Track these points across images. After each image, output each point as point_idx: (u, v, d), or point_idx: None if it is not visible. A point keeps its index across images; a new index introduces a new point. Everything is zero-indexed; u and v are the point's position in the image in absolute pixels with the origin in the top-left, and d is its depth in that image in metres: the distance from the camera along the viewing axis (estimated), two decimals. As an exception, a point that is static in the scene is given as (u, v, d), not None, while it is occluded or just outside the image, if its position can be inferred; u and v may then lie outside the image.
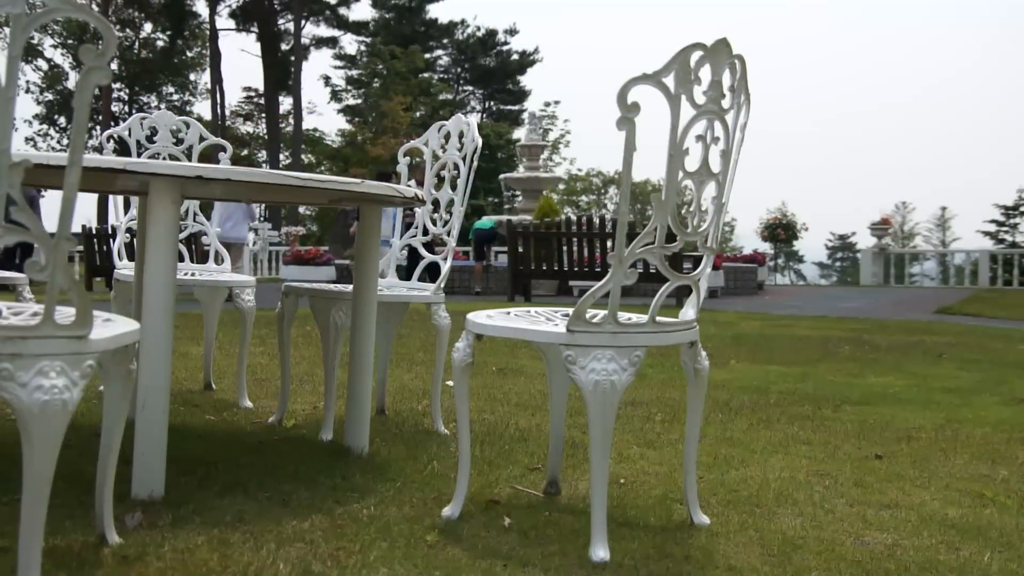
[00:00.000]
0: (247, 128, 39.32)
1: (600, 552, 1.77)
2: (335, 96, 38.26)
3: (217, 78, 36.32)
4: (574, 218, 11.31)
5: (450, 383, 2.20)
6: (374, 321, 2.68)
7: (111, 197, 3.60)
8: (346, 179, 2.27)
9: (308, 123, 38.80)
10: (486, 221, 14.44)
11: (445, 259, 3.08)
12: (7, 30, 1.34)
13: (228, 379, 3.80)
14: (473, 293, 12.76)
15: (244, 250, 12.32)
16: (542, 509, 2.13)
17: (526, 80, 42.21)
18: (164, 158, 3.49)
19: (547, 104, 41.87)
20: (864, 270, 20.29)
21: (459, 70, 42.59)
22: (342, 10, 39.05)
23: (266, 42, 36.95)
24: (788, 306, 11.11)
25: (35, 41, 32.85)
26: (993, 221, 38.39)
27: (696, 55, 1.71)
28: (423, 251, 3.22)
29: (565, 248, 10.75)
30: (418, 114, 32.38)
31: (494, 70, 41.81)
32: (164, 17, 35.85)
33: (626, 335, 1.78)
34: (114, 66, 28.24)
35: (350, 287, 2.71)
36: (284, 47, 38.03)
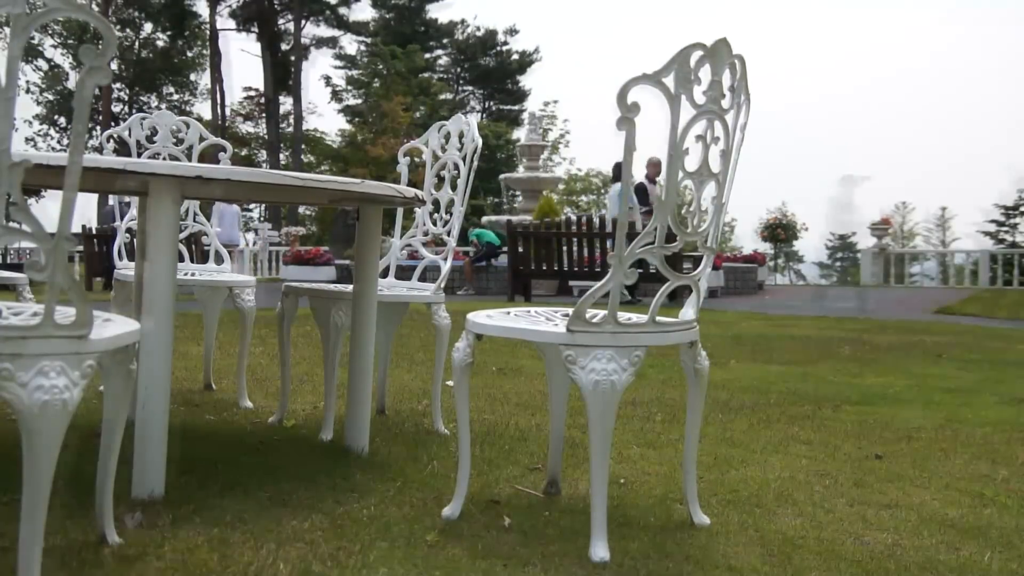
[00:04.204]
0: (248, 128, 39.37)
1: (600, 552, 1.77)
2: (336, 96, 38.29)
3: (218, 78, 36.40)
4: (574, 218, 11.32)
5: (450, 383, 2.21)
6: (374, 321, 2.68)
7: (111, 197, 3.60)
8: (346, 179, 2.27)
9: (309, 123, 38.86)
10: (490, 233, 14.25)
11: (445, 259, 3.08)
12: (7, 30, 1.34)
13: (228, 379, 3.80)
14: (467, 294, 12.73)
15: (234, 252, 12.39)
16: (542, 509, 2.13)
17: (526, 80, 42.23)
18: (164, 158, 3.49)
19: (546, 104, 41.85)
20: (864, 270, 20.34)
21: (459, 70, 42.60)
22: (342, 10, 39.11)
23: (267, 42, 37.00)
24: (788, 306, 11.11)
25: (35, 41, 32.89)
26: (993, 221, 38.41)
27: (696, 55, 1.71)
28: (423, 251, 3.22)
29: (565, 248, 10.76)
30: (418, 114, 32.38)
31: (494, 70, 41.81)
32: (164, 17, 35.89)
33: (626, 335, 1.78)
34: (114, 66, 28.26)
35: (350, 287, 2.71)
36: (285, 47, 38.09)
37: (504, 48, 41.90)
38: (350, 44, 39.64)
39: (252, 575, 1.65)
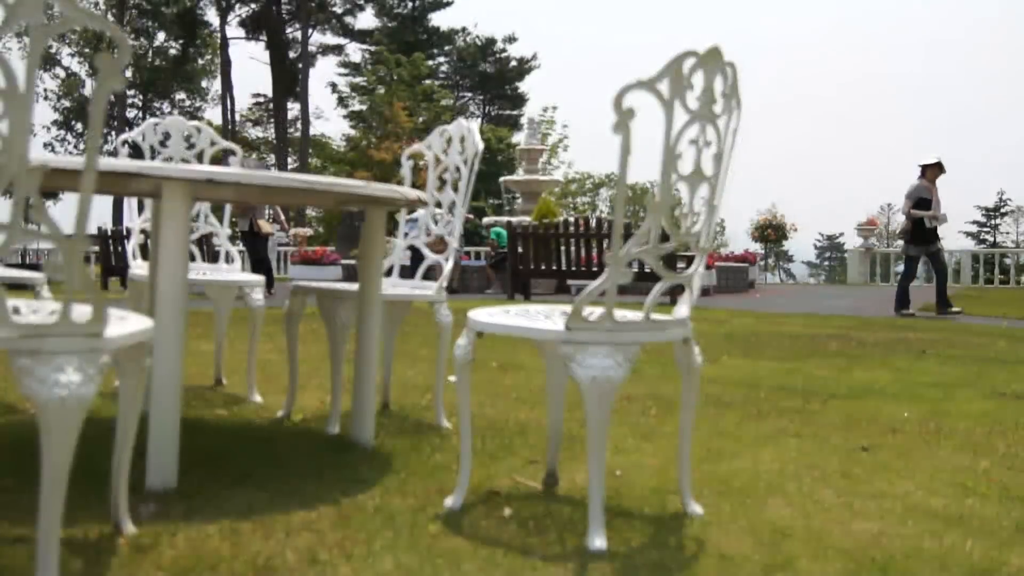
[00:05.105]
0: (256, 133, 39.61)
1: (597, 541, 1.81)
2: (341, 102, 38.38)
3: (227, 85, 36.71)
4: (572, 220, 11.41)
5: (452, 378, 2.26)
6: (379, 319, 2.73)
7: (126, 199, 3.67)
8: (351, 181, 2.31)
9: (315, 128, 39.03)
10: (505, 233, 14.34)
11: (447, 259, 3.14)
12: (26, 40, 1.39)
13: (238, 375, 3.84)
14: (495, 294, 12.90)
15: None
16: (541, 500, 2.19)
17: (524, 85, 42.38)
18: (176, 162, 3.54)
19: (545, 109, 41.79)
20: (851, 269, 20.52)
21: (459, 74, 42.67)
22: (348, 19, 39.43)
23: (275, 50, 37.32)
24: (778, 304, 11.18)
25: (53, 50, 33.20)
26: (975, 222, 38.60)
27: (689, 62, 1.74)
28: (426, 252, 3.28)
29: (563, 248, 10.82)
30: (421, 119, 32.38)
31: (493, 76, 41.94)
32: (177, 27, 36.18)
33: (622, 332, 1.81)
34: (128, 73, 28.44)
35: (355, 286, 2.77)
36: (292, 55, 38.35)
37: (503, 55, 42.05)
38: (355, 52, 39.96)
39: (262, 563, 1.70)
